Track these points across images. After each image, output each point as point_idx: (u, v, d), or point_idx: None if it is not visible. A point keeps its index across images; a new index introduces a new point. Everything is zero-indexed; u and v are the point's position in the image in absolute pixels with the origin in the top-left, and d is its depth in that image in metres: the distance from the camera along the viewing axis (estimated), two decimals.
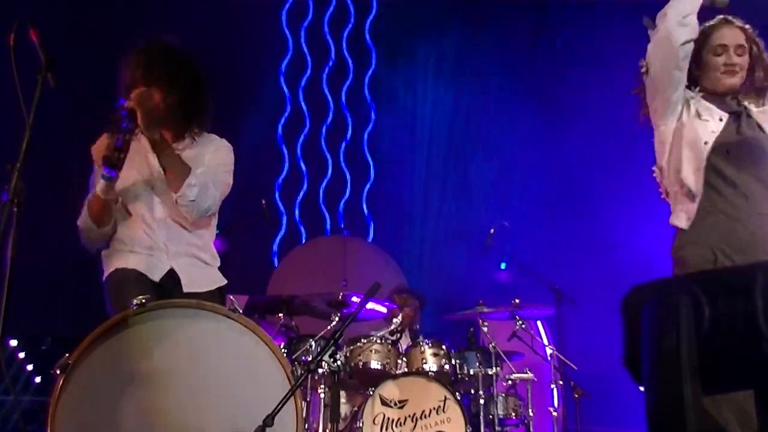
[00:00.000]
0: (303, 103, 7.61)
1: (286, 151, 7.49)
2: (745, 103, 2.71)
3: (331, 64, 7.74)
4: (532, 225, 6.80)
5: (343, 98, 7.70)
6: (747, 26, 2.75)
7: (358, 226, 7.42)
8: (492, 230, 5.32)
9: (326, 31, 7.80)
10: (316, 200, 7.49)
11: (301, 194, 7.45)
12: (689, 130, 2.65)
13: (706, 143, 2.59)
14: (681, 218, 2.66)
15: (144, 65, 2.81)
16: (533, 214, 6.95)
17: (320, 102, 7.65)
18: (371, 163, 7.63)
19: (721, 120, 2.63)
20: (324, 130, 7.62)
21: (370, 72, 7.77)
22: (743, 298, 1.64)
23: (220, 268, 2.96)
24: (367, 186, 7.58)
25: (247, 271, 6.39)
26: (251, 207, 5.14)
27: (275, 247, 7.25)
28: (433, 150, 7.63)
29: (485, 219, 6.56)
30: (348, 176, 7.59)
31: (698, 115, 2.66)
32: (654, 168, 2.83)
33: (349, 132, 7.67)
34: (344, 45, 7.81)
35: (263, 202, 5.03)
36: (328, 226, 7.46)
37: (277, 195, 7.38)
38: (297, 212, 7.41)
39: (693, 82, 2.74)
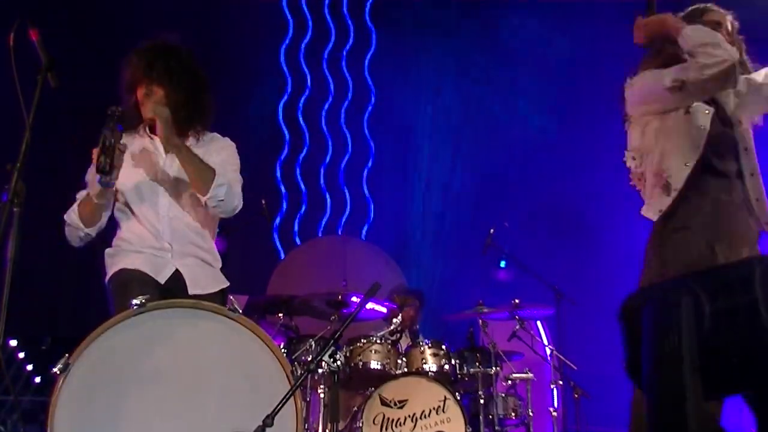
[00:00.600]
0: (307, 85, 7.66)
1: (287, 133, 7.52)
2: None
3: (330, 46, 7.76)
4: (532, 224, 6.79)
5: (348, 80, 7.72)
6: (736, 23, 2.73)
7: (358, 209, 7.46)
8: (492, 230, 5.31)
9: (326, 13, 7.82)
10: (317, 182, 7.52)
11: (300, 177, 7.48)
12: (676, 125, 2.57)
13: (699, 144, 2.51)
14: (653, 210, 2.59)
15: (145, 65, 2.82)
16: (533, 213, 6.94)
17: (322, 85, 7.70)
18: (372, 144, 7.64)
19: (707, 112, 2.61)
20: (324, 112, 7.65)
21: (370, 53, 7.78)
22: (743, 291, 1.63)
23: (220, 269, 2.97)
24: (367, 168, 7.60)
25: (247, 271, 6.38)
26: (251, 206, 5.13)
27: (276, 235, 7.27)
28: (433, 141, 7.63)
29: (485, 217, 6.56)
30: (348, 158, 7.61)
31: (686, 110, 2.62)
32: (627, 152, 2.73)
33: (345, 110, 7.69)
34: (349, 24, 7.82)
35: (263, 201, 5.02)
36: (329, 210, 7.48)
37: (278, 176, 7.41)
38: (299, 193, 7.44)
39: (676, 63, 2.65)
